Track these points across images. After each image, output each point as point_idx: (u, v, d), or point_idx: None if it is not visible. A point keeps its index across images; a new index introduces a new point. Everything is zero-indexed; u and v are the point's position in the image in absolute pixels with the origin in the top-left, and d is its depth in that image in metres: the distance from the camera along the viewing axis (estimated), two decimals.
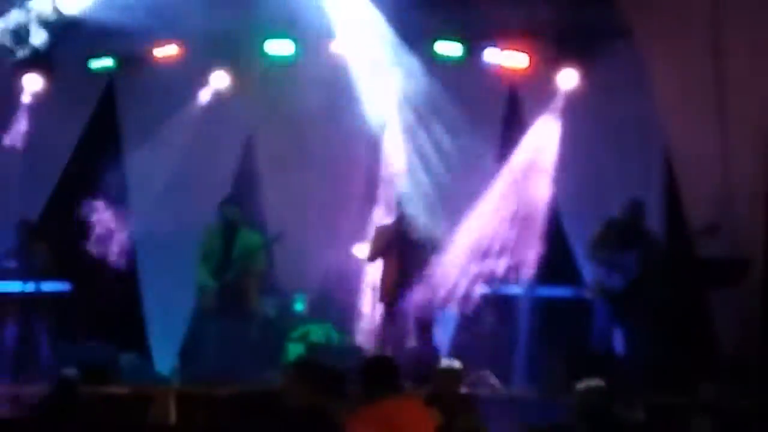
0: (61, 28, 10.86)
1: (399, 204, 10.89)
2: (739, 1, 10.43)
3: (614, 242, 10.23)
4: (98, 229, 11.09)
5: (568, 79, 11.48)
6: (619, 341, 10.38)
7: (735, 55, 10.38)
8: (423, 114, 11.65)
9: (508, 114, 11.75)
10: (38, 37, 10.57)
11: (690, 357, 10.12)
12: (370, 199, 11.72)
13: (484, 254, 11.01)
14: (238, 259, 10.63)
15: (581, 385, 7.25)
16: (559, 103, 11.57)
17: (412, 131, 11.74)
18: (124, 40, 11.63)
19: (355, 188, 11.82)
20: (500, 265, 10.70)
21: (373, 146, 11.78)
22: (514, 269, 10.67)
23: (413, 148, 11.75)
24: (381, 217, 11.32)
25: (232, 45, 11.70)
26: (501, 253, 10.83)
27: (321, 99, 11.03)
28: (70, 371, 8.34)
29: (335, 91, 11.13)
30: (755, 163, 10.41)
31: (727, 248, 10.31)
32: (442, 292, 10.58)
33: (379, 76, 11.51)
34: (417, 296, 10.37)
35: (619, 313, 10.20)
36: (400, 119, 11.72)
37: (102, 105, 12.15)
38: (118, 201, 11.64)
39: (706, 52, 10.43)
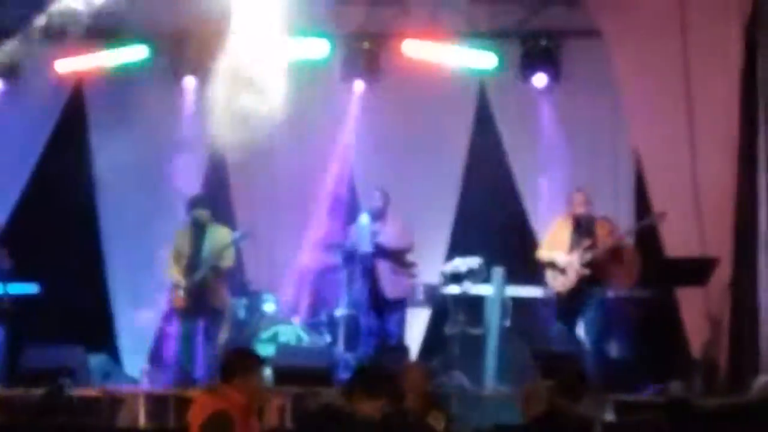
0: None
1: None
2: (706, 3, 10.49)
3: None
4: None
5: (537, 79, 11.54)
6: (588, 341, 10.40)
7: (702, 57, 10.44)
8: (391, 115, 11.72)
9: (477, 115, 11.76)
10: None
11: (659, 356, 10.17)
12: (339, 199, 11.73)
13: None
14: (208, 258, 10.58)
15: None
16: (528, 103, 11.64)
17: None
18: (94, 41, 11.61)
19: (324, 189, 11.81)
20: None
21: (342, 147, 11.84)
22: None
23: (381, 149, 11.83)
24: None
25: (201, 46, 11.67)
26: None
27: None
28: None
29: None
30: (723, 163, 10.46)
31: (695, 249, 10.37)
32: None
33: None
34: None
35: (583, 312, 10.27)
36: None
37: (70, 107, 12.06)
38: (87, 202, 11.63)
39: (674, 54, 10.48)
